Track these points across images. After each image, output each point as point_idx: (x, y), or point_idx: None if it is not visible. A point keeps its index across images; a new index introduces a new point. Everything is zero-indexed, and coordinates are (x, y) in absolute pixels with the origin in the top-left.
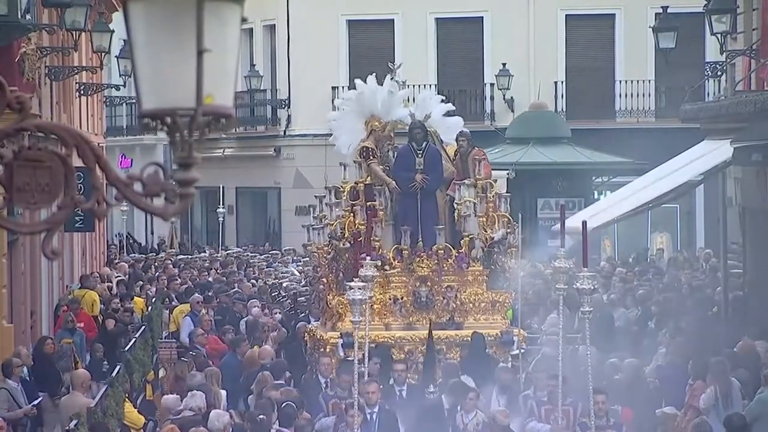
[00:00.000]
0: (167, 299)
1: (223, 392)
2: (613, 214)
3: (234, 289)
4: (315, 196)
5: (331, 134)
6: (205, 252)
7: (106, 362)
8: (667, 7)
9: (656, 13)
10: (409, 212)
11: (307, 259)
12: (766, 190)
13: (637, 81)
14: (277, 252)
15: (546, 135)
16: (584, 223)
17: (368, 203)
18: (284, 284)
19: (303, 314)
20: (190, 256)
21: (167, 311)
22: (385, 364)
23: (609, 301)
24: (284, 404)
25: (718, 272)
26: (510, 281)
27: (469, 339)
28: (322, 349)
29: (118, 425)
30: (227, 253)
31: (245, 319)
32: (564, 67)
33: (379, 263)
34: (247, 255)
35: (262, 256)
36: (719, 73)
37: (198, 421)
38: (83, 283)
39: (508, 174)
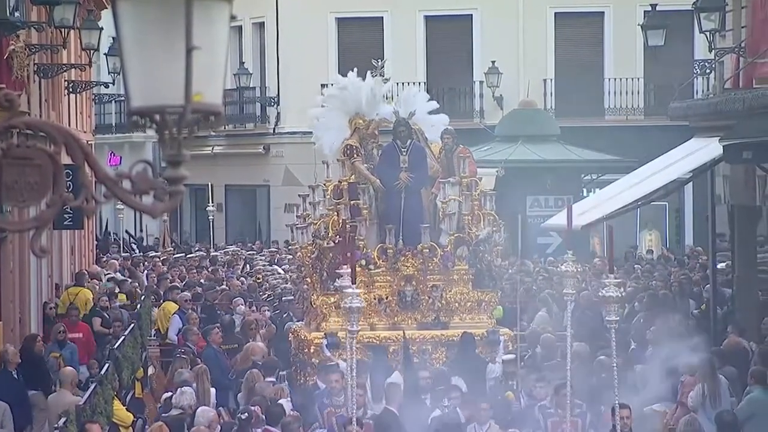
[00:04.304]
0: (156, 297)
1: (213, 391)
2: (602, 212)
3: (222, 287)
4: (299, 195)
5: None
6: (196, 250)
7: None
8: (656, 4)
9: (645, 11)
10: (393, 211)
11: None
12: (754, 188)
13: (626, 79)
14: (276, 249)
15: (535, 133)
16: (611, 228)
17: (352, 202)
18: (270, 282)
19: (286, 314)
20: (187, 255)
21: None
22: (381, 366)
23: (599, 298)
24: (273, 403)
25: (707, 269)
26: (497, 280)
27: (455, 339)
28: (306, 350)
29: (107, 423)
30: (229, 251)
31: (227, 315)
32: (553, 65)
33: (364, 262)
34: (248, 253)
35: (261, 254)
36: (708, 70)
37: (186, 420)
38: (77, 281)
39: (497, 172)
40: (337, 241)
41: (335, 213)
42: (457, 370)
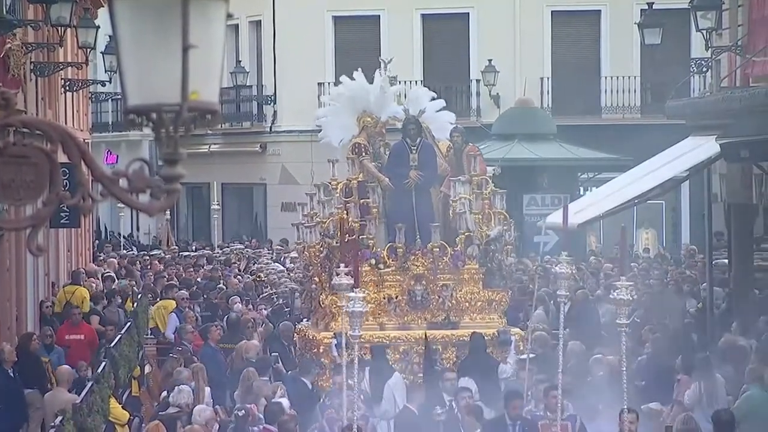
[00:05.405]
0: (153, 295)
1: (208, 389)
2: (599, 210)
3: (219, 285)
4: (306, 194)
5: (318, 130)
6: (194, 249)
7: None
8: (653, 3)
9: (642, 10)
10: (403, 209)
11: (296, 255)
12: (751, 186)
13: (623, 77)
14: (281, 246)
15: (532, 131)
16: (623, 229)
17: (362, 200)
18: (271, 279)
19: (296, 313)
20: (191, 254)
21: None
22: (381, 366)
23: (595, 297)
24: (270, 402)
25: (704, 268)
26: (507, 279)
27: (466, 339)
28: (315, 350)
29: (103, 421)
30: (234, 249)
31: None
32: (550, 63)
33: (373, 261)
34: (254, 251)
35: (259, 251)
36: (705, 69)
37: (182, 418)
38: (74, 279)
39: (494, 170)
40: (347, 240)
41: (345, 212)
42: (468, 370)
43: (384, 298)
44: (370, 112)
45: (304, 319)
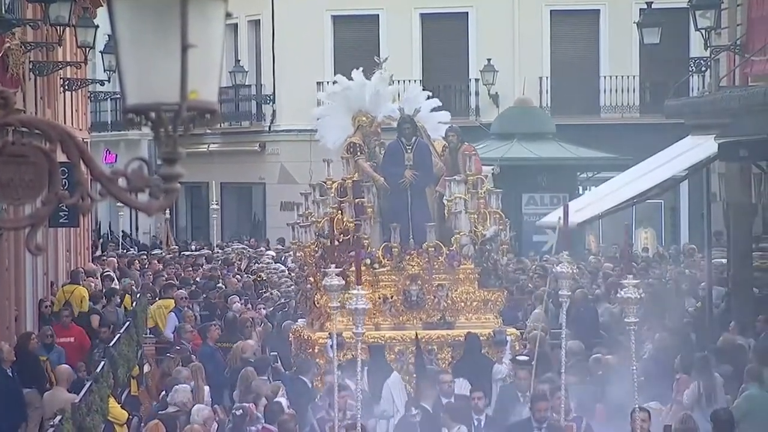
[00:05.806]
0: (152, 294)
1: (207, 388)
2: (597, 209)
3: (218, 284)
4: (301, 194)
5: (315, 130)
6: (194, 249)
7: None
8: (652, 2)
9: (641, 9)
10: (398, 209)
11: (291, 255)
12: (749, 186)
13: (622, 76)
14: (281, 246)
15: (531, 130)
16: (627, 227)
17: (356, 200)
18: (273, 279)
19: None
20: (192, 253)
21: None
22: (380, 366)
23: (594, 296)
24: (270, 401)
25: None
26: (503, 279)
27: (461, 339)
28: (310, 350)
29: (102, 421)
30: (236, 248)
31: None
32: (549, 63)
33: (368, 261)
34: (257, 251)
35: (269, 252)
36: (703, 68)
37: (181, 417)
38: (73, 278)
39: (492, 169)
40: (342, 240)
41: (339, 211)
42: (463, 371)
43: (379, 298)
44: (365, 111)
45: (300, 319)
